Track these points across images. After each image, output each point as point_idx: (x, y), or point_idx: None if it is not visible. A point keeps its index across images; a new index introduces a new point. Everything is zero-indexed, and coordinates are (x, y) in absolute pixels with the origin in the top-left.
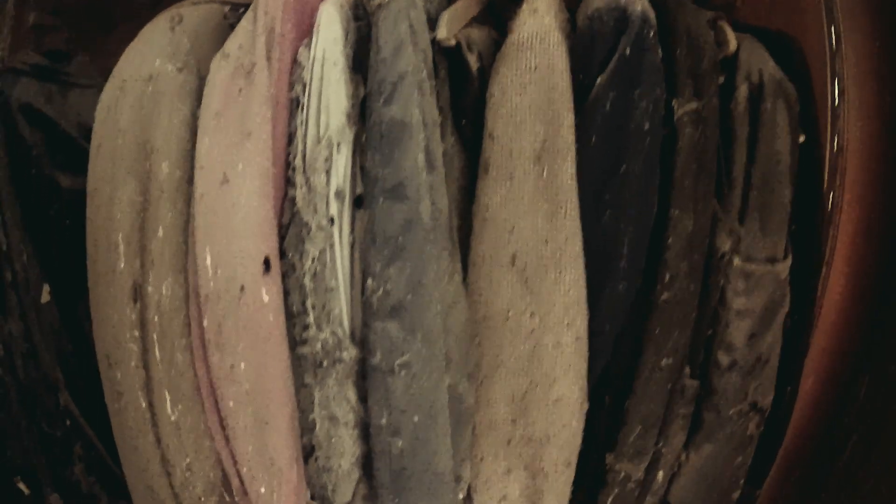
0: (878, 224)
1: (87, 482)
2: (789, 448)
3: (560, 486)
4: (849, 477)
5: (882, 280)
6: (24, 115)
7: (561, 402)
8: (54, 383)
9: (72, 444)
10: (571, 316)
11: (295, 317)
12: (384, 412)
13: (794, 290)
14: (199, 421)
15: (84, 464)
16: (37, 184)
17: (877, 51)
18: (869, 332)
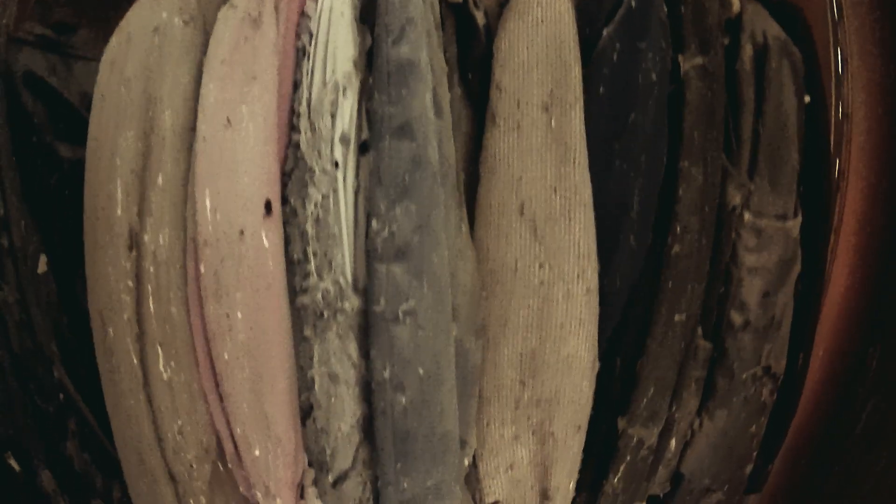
0: (886, 191)
1: (81, 460)
2: (802, 423)
3: (570, 454)
4: (864, 449)
5: (892, 248)
6: (27, 85)
7: (571, 361)
8: (49, 356)
9: (65, 420)
10: (582, 266)
11: (295, 265)
12: (387, 365)
13: (804, 258)
14: (192, 380)
15: (78, 441)
16: (37, 153)
17: (880, 20)
18: (879, 301)
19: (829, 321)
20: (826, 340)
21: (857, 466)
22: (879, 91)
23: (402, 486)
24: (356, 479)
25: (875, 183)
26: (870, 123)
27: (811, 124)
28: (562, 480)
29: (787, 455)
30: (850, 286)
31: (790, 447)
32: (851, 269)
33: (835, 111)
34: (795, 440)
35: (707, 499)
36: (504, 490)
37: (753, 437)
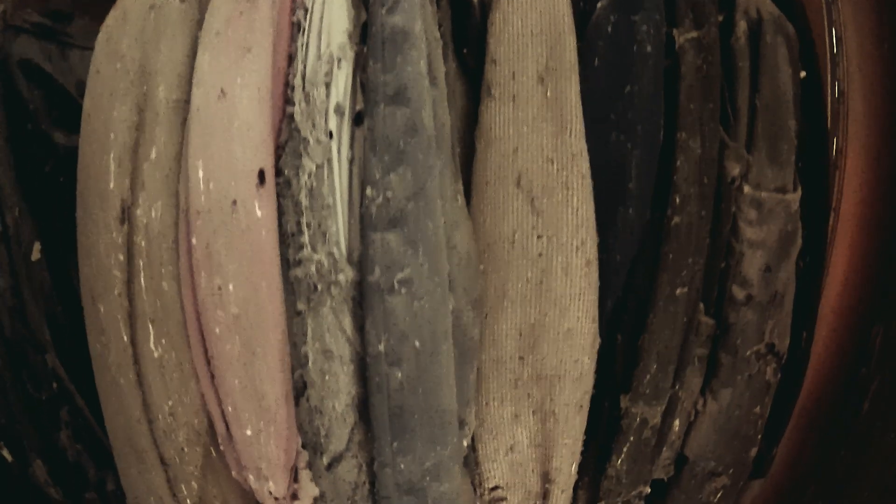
0: (886, 170)
1: (74, 450)
2: (806, 406)
3: (572, 434)
4: (870, 431)
5: (893, 227)
6: (23, 72)
7: (572, 334)
8: (42, 343)
9: (58, 409)
10: (581, 237)
11: (289, 237)
12: (382, 337)
13: (805, 237)
14: (183, 359)
15: (71, 430)
16: (32, 140)
17: (874, 1)
18: (881, 280)
19: (830, 300)
20: (828, 320)
21: (864, 449)
22: (875, 71)
23: (398, 468)
24: (351, 462)
25: (875, 162)
26: (867, 103)
27: (808, 104)
28: (564, 462)
29: (791, 439)
30: (851, 265)
31: (795, 431)
32: (852, 247)
33: (831, 90)
34: (800, 424)
35: (711, 483)
36: (504, 474)
37: (758, 418)
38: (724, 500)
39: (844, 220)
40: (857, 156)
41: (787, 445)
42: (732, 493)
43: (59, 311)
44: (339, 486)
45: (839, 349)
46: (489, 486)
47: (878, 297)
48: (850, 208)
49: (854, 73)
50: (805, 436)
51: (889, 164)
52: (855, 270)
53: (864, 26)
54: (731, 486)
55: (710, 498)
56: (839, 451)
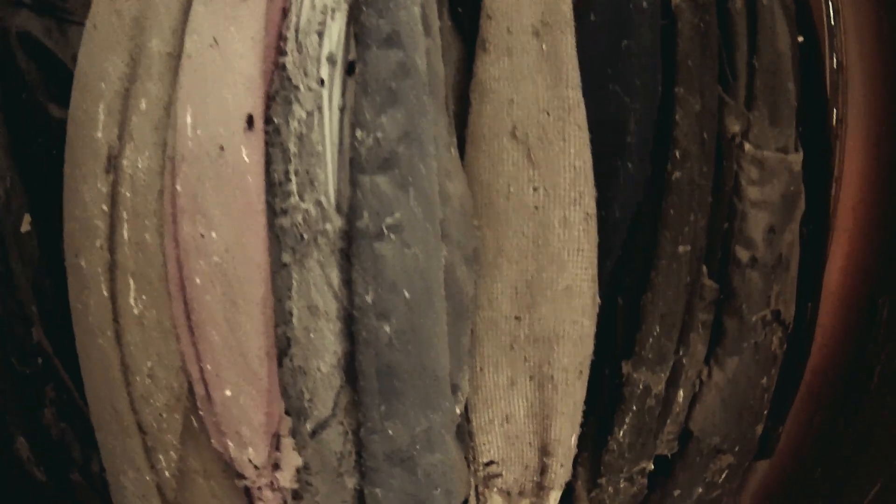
0: (888, 138)
1: (59, 428)
2: (813, 384)
3: (572, 402)
4: (879, 408)
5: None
6: (22, 44)
7: (571, 293)
8: (28, 316)
9: (43, 385)
10: (579, 190)
11: (276, 186)
12: (370, 288)
13: (808, 207)
14: (164, 316)
15: (56, 408)
16: (27, 111)
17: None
18: (886, 251)
19: (835, 273)
20: (833, 292)
21: (873, 427)
22: (874, 42)
23: (387, 434)
24: (337, 429)
25: (876, 131)
26: (866, 73)
27: (807, 73)
28: (563, 433)
29: (797, 419)
30: (855, 236)
31: (800, 410)
32: (856, 218)
33: (829, 61)
34: (805, 402)
35: (717, 462)
36: (500, 447)
37: (764, 391)
38: (729, 481)
39: (847, 189)
40: (858, 126)
41: (793, 425)
42: (738, 474)
43: (47, 285)
44: (324, 455)
45: (845, 323)
46: (483, 461)
47: (884, 268)
48: (852, 178)
49: (852, 44)
50: (811, 415)
51: (890, 135)
52: (859, 242)
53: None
54: (736, 466)
55: (715, 478)
56: (847, 430)
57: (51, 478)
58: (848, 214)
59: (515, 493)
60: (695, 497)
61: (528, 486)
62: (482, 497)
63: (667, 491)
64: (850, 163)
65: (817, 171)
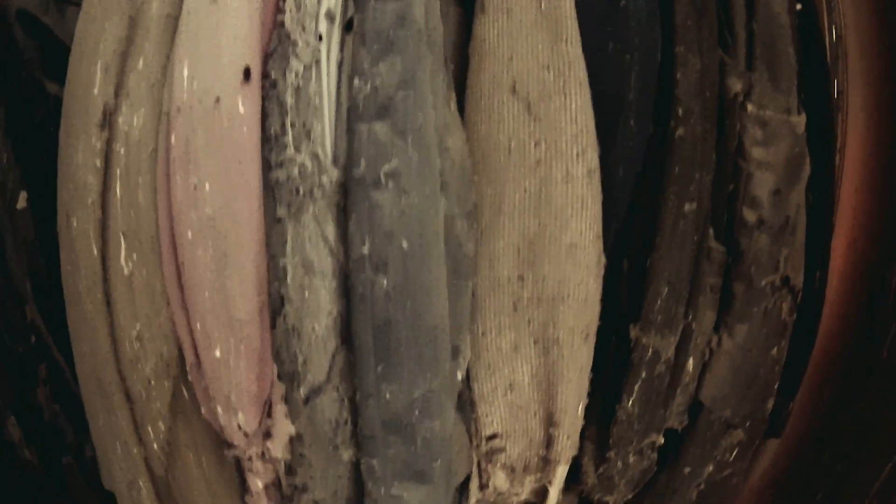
0: (889, 109)
1: (51, 410)
2: (821, 360)
3: (578, 367)
4: (890, 382)
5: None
6: (20, 22)
7: (575, 250)
8: (22, 294)
9: (36, 364)
10: (581, 145)
11: (272, 140)
12: (366, 238)
13: (813, 175)
14: (154, 277)
15: (48, 388)
16: (25, 88)
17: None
18: (891, 225)
19: (841, 245)
20: (840, 265)
21: (885, 402)
22: (872, 14)
23: (383, 398)
24: (331, 395)
25: (877, 103)
26: (864, 46)
27: (807, 47)
28: (569, 402)
29: (806, 397)
30: (860, 207)
31: (809, 387)
32: (860, 189)
33: (829, 35)
34: (814, 379)
35: (727, 437)
36: (503, 419)
37: (775, 363)
38: (739, 460)
39: (850, 161)
40: (859, 98)
41: (801, 404)
42: (748, 451)
43: (41, 264)
44: (318, 423)
45: (852, 297)
46: (486, 435)
47: (891, 238)
48: (855, 149)
49: (850, 15)
50: (819, 393)
51: (891, 107)
52: (864, 213)
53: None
54: (746, 443)
55: (726, 455)
56: (857, 408)
57: (42, 460)
58: (851, 186)
59: (520, 469)
60: (705, 476)
61: (533, 460)
62: (485, 474)
63: (676, 469)
64: (852, 134)
65: (821, 141)
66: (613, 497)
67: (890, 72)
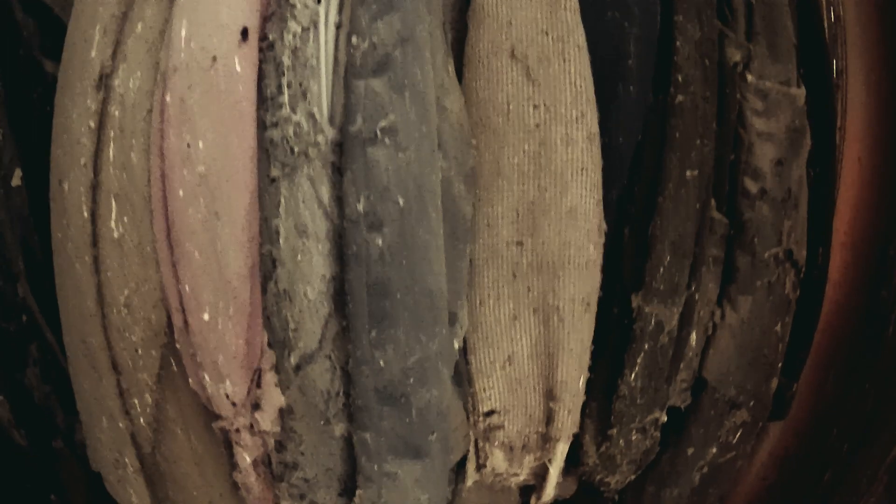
0: (887, 89)
1: (42, 391)
2: (824, 340)
3: (579, 339)
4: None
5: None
6: (20, 1)
7: (575, 214)
8: (14, 271)
9: (27, 343)
10: (581, 109)
11: (268, 101)
12: (362, 195)
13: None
14: (145, 241)
15: (39, 369)
16: (23, 66)
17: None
18: (893, 201)
19: (843, 224)
20: (842, 242)
21: (891, 380)
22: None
23: (377, 365)
24: (323, 364)
25: (876, 82)
26: (863, 25)
27: (806, 27)
28: (570, 375)
29: (810, 378)
30: (861, 185)
31: (813, 368)
32: (861, 168)
33: (827, 16)
34: (818, 360)
35: (731, 417)
36: (501, 393)
37: (779, 340)
38: (743, 442)
39: (851, 139)
40: (859, 77)
41: (806, 384)
42: (752, 434)
43: (35, 241)
44: (309, 394)
45: (855, 274)
46: (484, 411)
47: (893, 214)
48: (856, 128)
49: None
50: (824, 373)
51: (891, 86)
52: (866, 191)
53: None
54: (751, 424)
55: (730, 437)
56: (863, 386)
57: (31, 442)
58: (854, 164)
59: (519, 448)
60: (708, 458)
61: (532, 438)
62: (482, 453)
63: (679, 450)
64: (852, 112)
65: (821, 118)
66: (615, 478)
67: (890, 51)
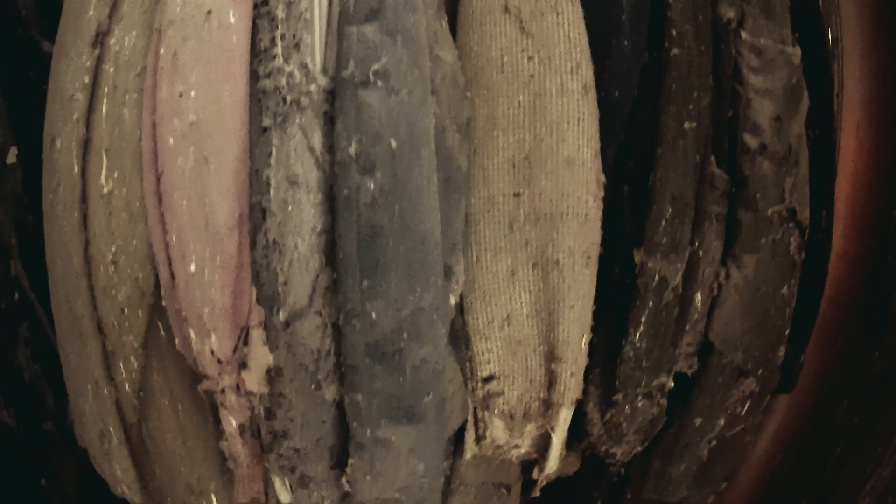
0: (884, 56)
1: (32, 371)
2: (830, 310)
3: (580, 293)
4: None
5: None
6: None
7: (573, 164)
8: (7, 248)
9: (18, 322)
10: (575, 59)
11: (261, 53)
12: (353, 138)
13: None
14: (134, 198)
15: (30, 349)
16: (20, 44)
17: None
18: (892, 167)
19: (844, 190)
20: (844, 212)
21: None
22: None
23: (369, 319)
24: (314, 321)
25: (873, 48)
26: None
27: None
28: (572, 333)
29: (816, 350)
30: (861, 151)
31: (819, 340)
32: (859, 138)
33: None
34: (824, 331)
35: (739, 386)
36: (500, 356)
37: (785, 304)
38: (751, 414)
39: (848, 107)
40: (855, 43)
41: (812, 357)
42: (760, 405)
43: (28, 220)
44: (298, 353)
45: (859, 241)
46: (482, 376)
47: (893, 182)
48: (853, 94)
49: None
50: (830, 347)
51: (888, 52)
52: (865, 158)
53: None
54: (759, 395)
55: (738, 408)
56: (871, 357)
57: (21, 423)
58: (851, 132)
59: (520, 416)
60: (716, 430)
61: (533, 405)
62: (481, 423)
63: (686, 421)
64: (849, 80)
65: (818, 83)
66: (621, 448)
67: (886, 19)
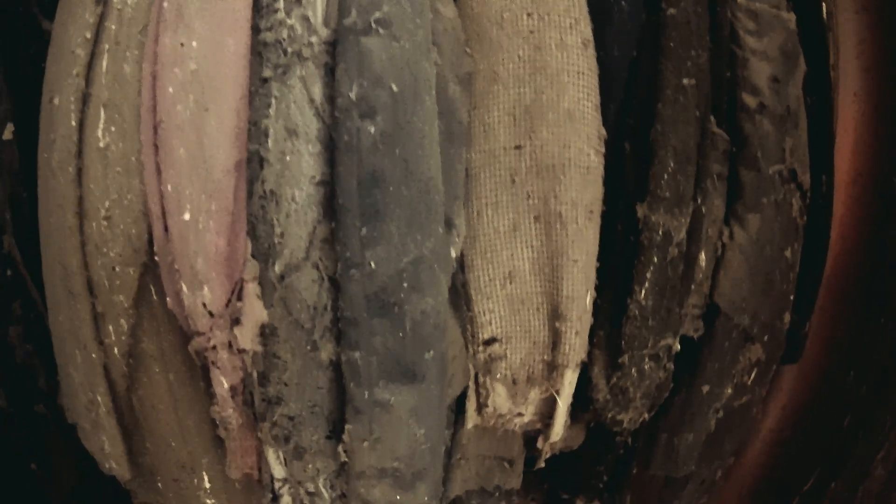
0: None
1: (24, 350)
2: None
3: (583, 248)
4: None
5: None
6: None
7: (573, 117)
8: (1, 224)
9: (10, 300)
10: (574, 16)
11: (263, 8)
12: (355, 83)
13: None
14: (130, 151)
15: (22, 328)
16: (20, 23)
17: None
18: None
19: (845, 162)
20: (845, 180)
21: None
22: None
23: (368, 267)
24: (310, 275)
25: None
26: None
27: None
28: (576, 289)
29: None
30: (860, 121)
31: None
32: (857, 102)
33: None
34: (829, 300)
35: (746, 352)
36: (503, 318)
37: (789, 268)
38: (758, 384)
39: (845, 75)
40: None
41: (819, 327)
42: (766, 375)
43: (23, 196)
44: (294, 308)
45: (861, 208)
46: (484, 338)
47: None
48: (848, 65)
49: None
50: (836, 313)
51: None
52: (864, 127)
53: None
54: (765, 364)
55: (745, 377)
56: (878, 322)
57: (13, 404)
58: (849, 100)
59: (522, 381)
60: (724, 400)
61: (537, 368)
62: (483, 390)
63: (694, 388)
64: (845, 48)
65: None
66: (628, 415)
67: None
